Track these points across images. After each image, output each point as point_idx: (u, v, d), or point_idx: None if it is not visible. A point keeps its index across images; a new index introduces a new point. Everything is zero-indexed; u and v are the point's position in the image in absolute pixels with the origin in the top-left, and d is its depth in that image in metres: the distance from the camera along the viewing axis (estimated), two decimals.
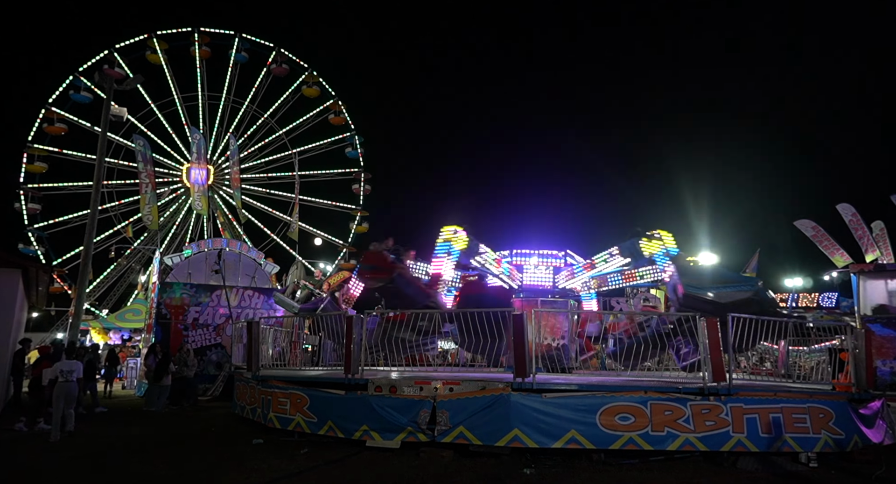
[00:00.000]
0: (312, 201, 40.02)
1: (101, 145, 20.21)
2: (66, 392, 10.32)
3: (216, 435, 10.95)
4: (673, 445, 8.51)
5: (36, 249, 33.95)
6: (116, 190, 37.43)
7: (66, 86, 34.97)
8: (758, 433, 8.65)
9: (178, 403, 15.14)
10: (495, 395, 8.78)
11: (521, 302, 13.51)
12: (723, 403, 8.67)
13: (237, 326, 16.10)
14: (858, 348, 9.56)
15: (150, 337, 19.54)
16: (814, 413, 8.92)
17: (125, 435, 10.80)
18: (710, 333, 8.93)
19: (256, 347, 11.94)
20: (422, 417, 8.94)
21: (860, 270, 17.42)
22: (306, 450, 9.18)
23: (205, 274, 21.46)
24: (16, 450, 9.47)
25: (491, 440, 8.64)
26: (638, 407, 8.59)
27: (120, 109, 22.14)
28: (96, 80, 22.54)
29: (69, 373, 10.44)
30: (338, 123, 39.90)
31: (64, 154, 35.74)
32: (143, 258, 37.15)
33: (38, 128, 34.71)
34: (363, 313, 10.57)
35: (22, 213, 34.32)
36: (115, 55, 35.76)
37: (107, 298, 37.72)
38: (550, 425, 8.59)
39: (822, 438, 8.82)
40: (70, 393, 10.42)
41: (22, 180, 34.45)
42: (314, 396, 10.01)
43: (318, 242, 39.20)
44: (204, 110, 39.83)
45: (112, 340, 26.08)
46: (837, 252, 23.09)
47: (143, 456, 8.96)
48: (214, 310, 19.77)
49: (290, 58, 39.00)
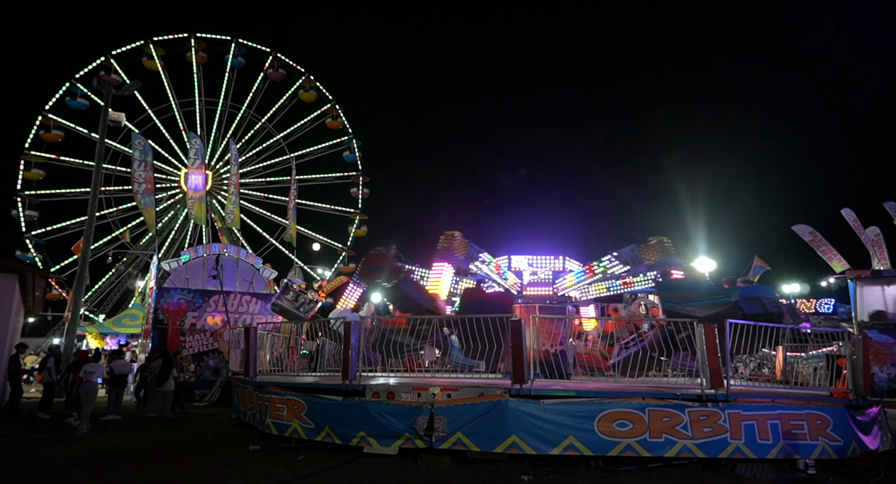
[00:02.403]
0: (311, 205, 40.07)
1: (99, 150, 20.21)
2: (87, 390, 11.92)
3: (213, 441, 10.89)
4: (671, 452, 8.49)
5: (34, 256, 33.87)
6: (114, 196, 37.43)
7: (62, 92, 35.01)
8: (756, 440, 8.64)
9: (173, 409, 15.08)
10: (493, 401, 8.76)
11: (520, 308, 13.51)
12: (721, 410, 8.66)
13: (235, 331, 16.07)
14: (856, 355, 9.57)
15: (148, 342, 19.48)
16: (812, 420, 8.92)
17: (122, 440, 10.74)
18: (708, 340, 8.93)
19: (254, 352, 11.91)
20: (419, 424, 8.91)
21: (857, 276, 17.46)
22: (303, 456, 9.14)
23: (202, 279, 21.43)
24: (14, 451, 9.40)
25: (489, 447, 8.62)
26: (636, 413, 8.58)
27: (118, 114, 22.16)
28: (94, 85, 22.56)
29: (90, 373, 12.10)
30: (335, 127, 40.01)
31: (61, 161, 35.73)
32: (141, 263, 37.09)
33: (35, 135, 34.71)
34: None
35: (19, 221, 34.26)
36: (111, 61, 35.83)
37: (104, 304, 37.62)
38: (548, 432, 8.57)
39: (820, 444, 8.81)
40: (90, 391, 11.95)
41: (19, 187, 34.41)
42: (311, 402, 9.97)
43: (316, 246, 39.22)
44: (201, 116, 39.95)
45: (108, 346, 25.97)
46: (835, 258, 23.16)
47: (138, 462, 8.90)
48: (212, 315, 19.72)
49: (287, 62, 39.16)
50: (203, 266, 21.98)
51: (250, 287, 22.30)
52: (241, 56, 38.72)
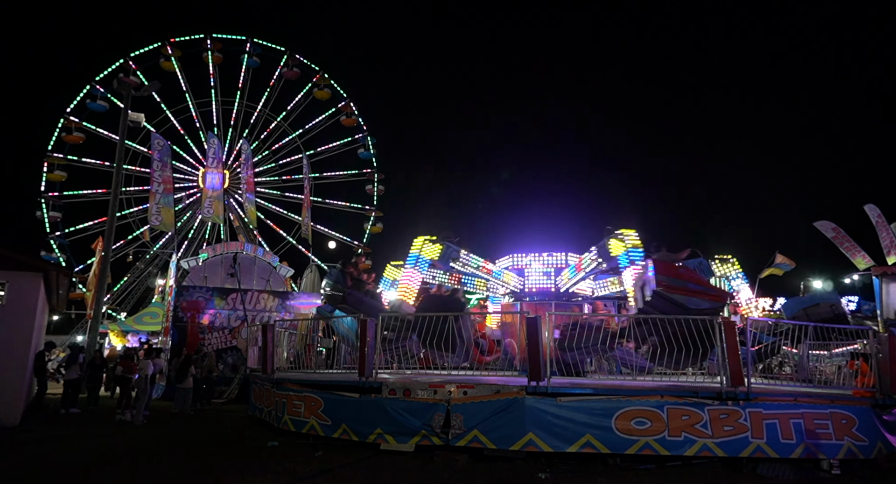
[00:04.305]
0: (326, 203, 40.30)
1: (120, 151, 20.55)
2: (139, 385, 13.25)
3: (231, 437, 11.03)
4: (690, 451, 8.38)
5: (58, 256, 34.53)
6: (134, 196, 38.02)
7: (83, 95, 35.63)
8: (778, 439, 8.49)
9: (193, 405, 15.30)
10: (510, 398, 8.74)
11: (535, 305, 13.43)
12: (741, 409, 8.53)
13: (252, 328, 16.24)
14: (882, 353, 9.34)
15: (168, 340, 19.78)
16: (836, 419, 8.74)
17: (144, 436, 10.93)
18: (728, 336, 8.80)
19: (272, 349, 12.03)
20: (436, 421, 8.92)
21: (883, 272, 17.02)
22: (321, 453, 9.21)
23: (220, 277, 21.69)
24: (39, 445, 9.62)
25: (505, 444, 8.60)
26: (654, 411, 8.49)
27: (137, 115, 22.51)
28: (115, 87, 22.95)
29: (141, 370, 13.38)
30: (350, 125, 40.14)
31: (83, 162, 36.39)
32: (161, 262, 37.65)
33: (57, 137, 35.39)
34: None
35: (44, 222, 34.98)
36: (130, 64, 36.34)
37: (125, 302, 38.30)
38: (565, 429, 8.52)
39: (845, 444, 8.64)
40: (139, 386, 13.21)
41: (43, 189, 35.14)
42: (328, 398, 10.04)
43: (332, 244, 39.45)
44: (218, 115, 40.33)
45: (130, 343, 26.44)
46: (859, 254, 22.61)
47: (157, 457, 9.05)
48: (230, 313, 19.96)
49: (302, 61, 39.37)
50: (221, 264, 22.24)
51: (267, 285, 22.51)
52: (257, 55, 39.04)
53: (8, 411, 11.75)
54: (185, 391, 14.76)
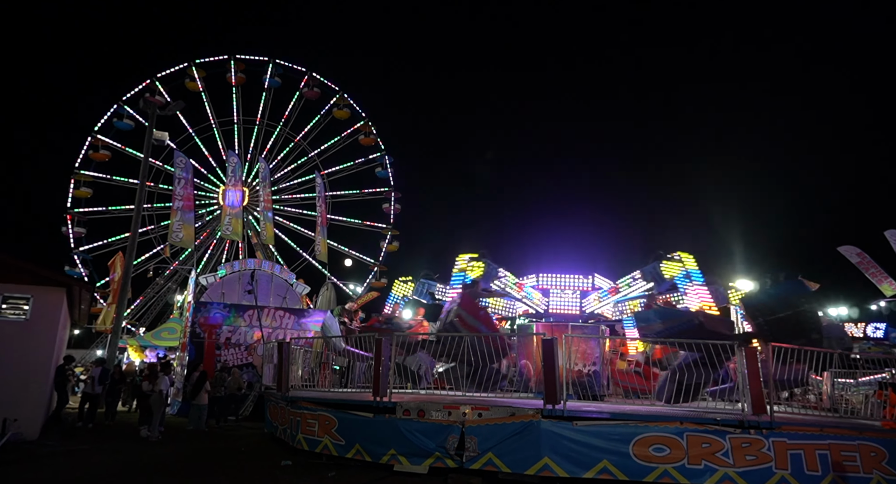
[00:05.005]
0: (343, 221, 40.69)
1: (144, 168, 21.05)
2: (154, 400, 13.26)
3: (246, 455, 11.00)
4: (711, 480, 8.15)
5: (81, 271, 35.24)
6: (156, 213, 38.82)
7: (110, 114, 36.74)
8: (803, 470, 8.22)
9: (208, 422, 15.31)
10: (525, 421, 8.62)
11: (551, 327, 13.30)
12: (764, 438, 8.29)
13: (268, 346, 16.30)
14: None
15: (185, 355, 19.93)
16: (864, 451, 8.44)
17: (159, 452, 10.96)
18: (749, 362, 8.60)
19: (287, 367, 12.04)
20: (450, 443, 8.82)
21: None
22: (334, 473, 9.13)
23: (238, 294, 21.87)
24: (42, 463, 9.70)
25: (520, 468, 8.45)
26: (673, 438, 8.29)
27: (161, 134, 23.11)
28: (141, 106, 23.65)
29: (155, 385, 13.42)
30: (368, 144, 40.72)
31: (108, 179, 37.35)
32: (179, 278, 38.18)
33: (85, 155, 36.44)
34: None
35: (68, 237, 35.82)
36: (156, 84, 37.50)
37: (144, 317, 38.81)
38: (581, 454, 8.36)
39: (875, 478, 8.32)
40: (154, 401, 13.25)
41: (69, 205, 36.07)
42: (342, 418, 9.99)
43: (348, 262, 39.68)
44: (239, 134, 41.27)
45: (148, 358, 26.69)
46: (885, 280, 22.10)
47: (173, 474, 9.05)
48: (247, 329, 20.08)
49: (322, 81, 40.21)
50: (238, 281, 22.45)
51: (284, 302, 22.64)
52: (278, 76, 40.01)
53: (29, 425, 11.86)
54: (200, 408, 14.79)
